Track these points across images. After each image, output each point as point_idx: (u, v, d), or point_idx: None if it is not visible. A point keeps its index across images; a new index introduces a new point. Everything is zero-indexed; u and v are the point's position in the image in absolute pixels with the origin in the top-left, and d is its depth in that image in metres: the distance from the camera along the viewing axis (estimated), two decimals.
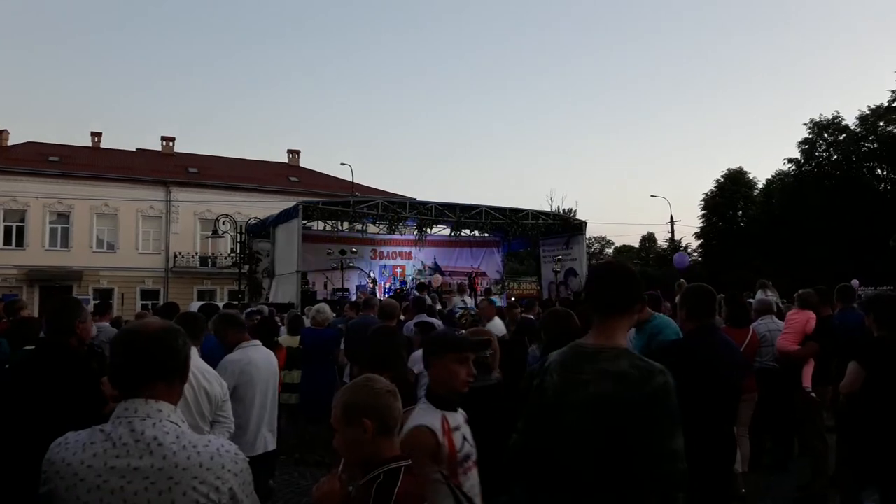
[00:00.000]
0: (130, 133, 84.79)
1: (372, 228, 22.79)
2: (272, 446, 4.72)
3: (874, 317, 4.10)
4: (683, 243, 48.91)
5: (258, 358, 4.58)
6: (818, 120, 40.01)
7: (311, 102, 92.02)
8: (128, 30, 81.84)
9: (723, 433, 3.29)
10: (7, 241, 32.24)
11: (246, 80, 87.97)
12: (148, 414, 1.68)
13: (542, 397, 2.19)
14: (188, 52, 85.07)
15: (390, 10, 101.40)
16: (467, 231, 23.55)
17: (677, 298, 10.69)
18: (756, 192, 45.24)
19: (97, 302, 20.07)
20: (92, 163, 35.09)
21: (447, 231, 23.40)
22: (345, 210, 19.94)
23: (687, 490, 2.00)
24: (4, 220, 32.34)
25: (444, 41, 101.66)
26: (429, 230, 22.92)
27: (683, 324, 3.61)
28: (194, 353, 3.45)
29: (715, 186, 45.35)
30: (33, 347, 3.86)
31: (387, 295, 18.66)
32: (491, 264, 23.95)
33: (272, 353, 4.86)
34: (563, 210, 42.07)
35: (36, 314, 15.26)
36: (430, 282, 18.78)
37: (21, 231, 32.54)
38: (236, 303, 16.26)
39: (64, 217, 33.43)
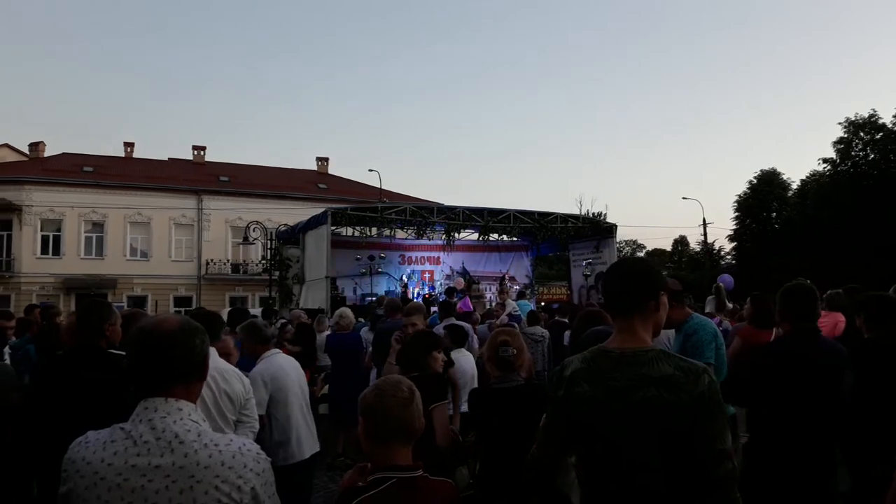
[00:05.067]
0: (162, 143, 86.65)
1: (400, 234, 22.80)
2: (317, 448, 4.76)
3: (865, 317, 3.86)
4: (716, 246, 48.23)
5: (285, 363, 4.61)
6: (854, 119, 39.10)
7: (340, 110, 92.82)
8: (159, 42, 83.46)
9: (819, 448, 3.15)
10: (45, 250, 33.00)
11: (275, 90, 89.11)
12: (168, 412, 1.65)
13: (571, 409, 2.04)
14: (218, 62, 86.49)
15: (417, 17, 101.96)
16: (495, 235, 23.42)
17: (708, 300, 10.45)
18: (790, 193, 44.40)
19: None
20: (125, 172, 35.79)
21: (475, 236, 23.32)
22: (373, 216, 19.95)
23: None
24: (42, 230, 33.11)
25: (472, 47, 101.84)
26: (457, 235, 22.85)
27: (780, 325, 3.52)
28: (213, 352, 3.43)
29: (748, 188, 44.60)
30: (62, 353, 3.89)
31: (416, 300, 18.64)
32: (520, 269, 23.78)
33: (292, 358, 4.87)
34: (593, 213, 41.79)
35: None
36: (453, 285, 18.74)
37: (58, 240, 33.29)
38: (275, 308, 16.36)
39: (98, 226, 34.13)
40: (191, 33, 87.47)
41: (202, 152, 40.52)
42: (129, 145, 39.39)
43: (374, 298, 18.30)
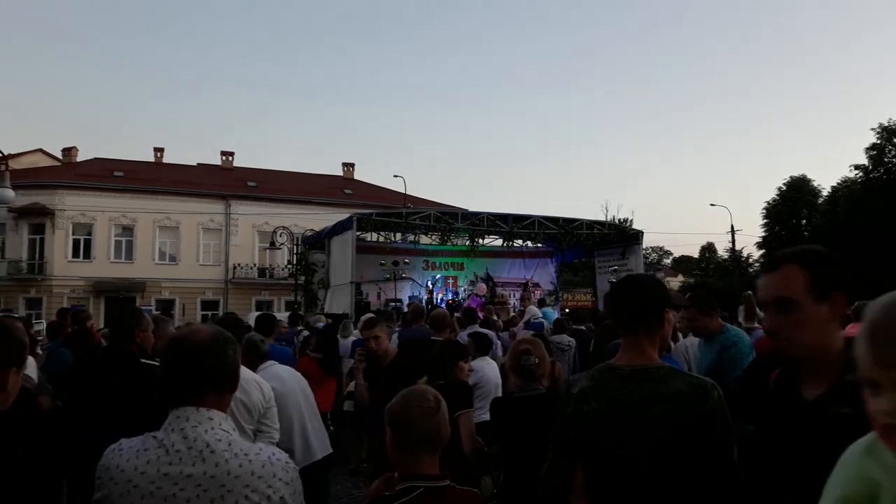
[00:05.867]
0: (191, 148, 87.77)
1: (424, 239, 22.85)
2: (328, 450, 4.76)
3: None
4: (745, 253, 47.56)
5: (281, 371, 4.59)
6: (887, 124, 38.35)
7: (365, 116, 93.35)
8: (187, 50, 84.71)
9: None
10: (76, 254, 33.60)
11: (302, 96, 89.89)
12: (199, 422, 1.68)
13: (580, 427, 2.07)
14: (246, 69, 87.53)
15: (442, 21, 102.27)
16: (520, 241, 23.37)
17: (739, 309, 10.31)
18: (820, 200, 43.64)
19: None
20: (155, 177, 36.30)
21: (499, 242, 23.28)
22: (397, 221, 20.04)
23: None
24: (73, 234, 33.70)
25: (496, 52, 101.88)
26: (481, 241, 22.84)
27: None
28: None
29: (777, 194, 43.95)
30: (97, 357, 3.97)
31: (439, 305, 18.65)
32: (544, 275, 23.67)
33: (290, 368, 4.87)
34: (619, 220, 41.17)
35: (101, 324, 15.80)
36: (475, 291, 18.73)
37: (88, 244, 33.86)
38: (301, 314, 16.48)
39: (128, 230, 34.66)
40: (218, 42, 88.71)
41: (230, 158, 41.02)
42: (158, 150, 39.97)
43: (397, 304, 18.38)
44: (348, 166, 44.65)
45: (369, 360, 4.85)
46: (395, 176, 68.60)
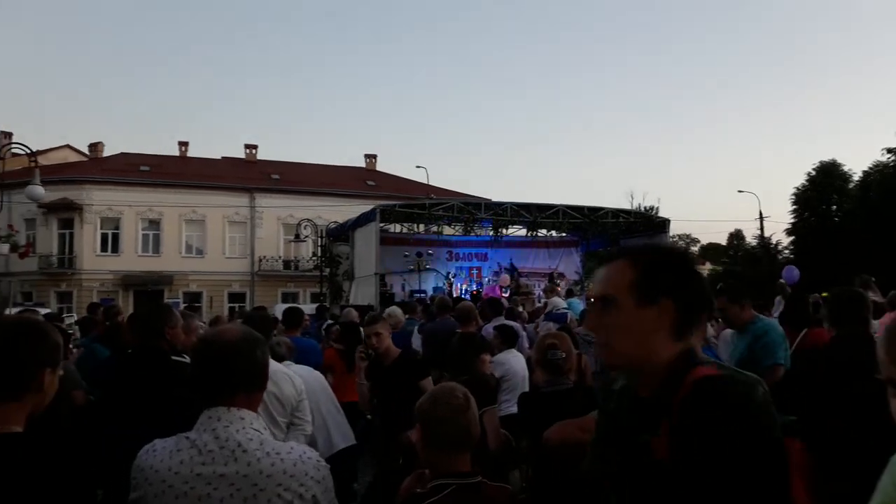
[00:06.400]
0: (216, 142, 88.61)
1: (447, 230, 22.85)
2: (351, 440, 4.77)
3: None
4: (773, 240, 46.84)
5: (297, 371, 4.58)
6: None
7: (387, 107, 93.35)
8: (211, 45, 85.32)
9: (872, 457, 3.07)
10: (104, 248, 34.15)
11: (324, 88, 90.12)
12: (231, 421, 1.70)
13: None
14: (268, 63, 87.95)
15: (463, 9, 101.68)
16: (544, 231, 23.26)
17: (776, 300, 10.04)
18: (851, 185, 42.77)
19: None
20: (180, 171, 36.70)
21: (523, 231, 23.18)
22: (420, 212, 20.06)
23: None
24: (101, 228, 34.22)
25: (518, 38, 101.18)
26: (504, 231, 22.76)
27: (829, 330, 3.49)
28: None
29: (806, 180, 43.16)
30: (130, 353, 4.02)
31: (464, 297, 18.65)
32: (569, 265, 23.50)
33: (307, 367, 4.85)
34: (645, 207, 40.87)
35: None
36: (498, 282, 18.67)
37: (116, 238, 34.39)
38: (326, 305, 16.58)
39: (155, 224, 35.12)
40: (241, 38, 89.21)
41: (254, 151, 41.28)
42: (183, 144, 40.31)
43: (422, 294, 18.42)
44: (371, 157, 44.74)
45: (370, 359, 4.66)
46: (418, 167, 68.77)
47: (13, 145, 15.72)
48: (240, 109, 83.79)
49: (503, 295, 16.44)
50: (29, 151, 14.20)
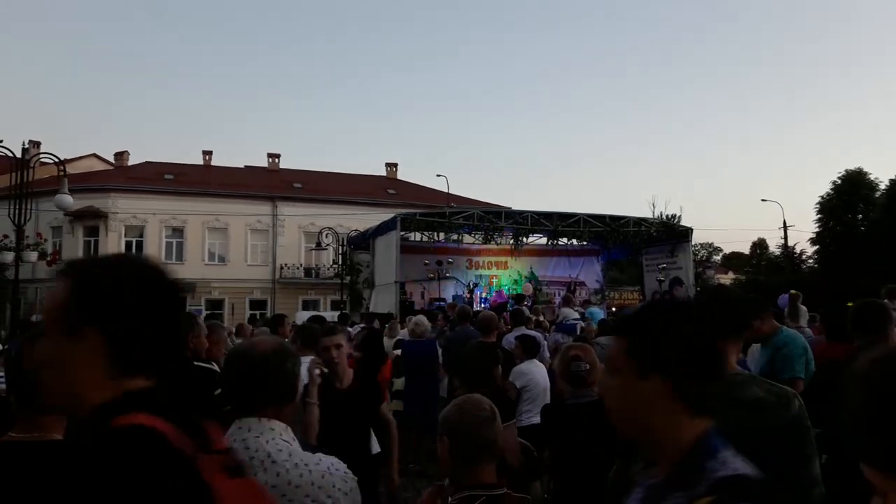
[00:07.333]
0: (239, 151, 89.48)
1: (468, 238, 22.85)
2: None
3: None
4: (797, 250, 46.25)
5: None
6: None
7: (408, 116, 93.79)
8: (235, 57, 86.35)
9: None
10: None
11: (346, 98, 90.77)
12: (261, 432, 1.73)
13: None
14: (291, 74, 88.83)
15: (484, 19, 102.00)
16: (565, 240, 23.18)
17: (786, 311, 9.99)
18: (878, 194, 42.10)
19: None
20: (204, 180, 37.06)
21: (544, 240, 23.12)
22: (441, 221, 20.11)
23: None
24: (126, 236, 34.63)
25: (538, 48, 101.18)
26: (525, 239, 22.72)
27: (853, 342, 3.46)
28: None
29: (831, 189, 42.57)
30: None
31: (483, 306, 18.63)
32: (590, 274, 23.38)
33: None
34: (667, 216, 40.53)
35: None
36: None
37: (140, 245, 34.74)
38: (346, 313, 16.71)
39: (178, 232, 35.48)
40: (264, 49, 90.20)
41: (276, 159, 41.64)
42: (207, 153, 40.76)
43: (442, 303, 18.45)
44: (392, 166, 44.93)
45: (324, 376, 3.93)
46: (438, 175, 68.53)
47: (42, 154, 15.96)
48: (263, 119, 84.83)
49: (524, 303, 16.41)
50: (58, 161, 14.40)
